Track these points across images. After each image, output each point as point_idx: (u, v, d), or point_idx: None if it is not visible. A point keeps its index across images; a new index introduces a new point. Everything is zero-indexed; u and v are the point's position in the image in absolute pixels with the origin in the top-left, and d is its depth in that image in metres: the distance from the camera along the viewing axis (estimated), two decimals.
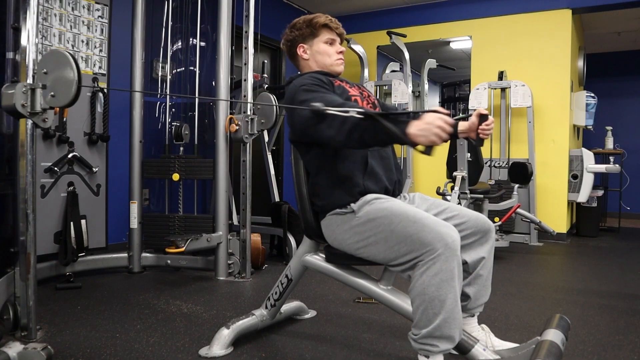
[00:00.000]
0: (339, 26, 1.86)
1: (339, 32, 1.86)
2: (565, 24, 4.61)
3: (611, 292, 2.86)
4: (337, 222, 1.65)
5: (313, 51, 1.83)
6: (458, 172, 3.36)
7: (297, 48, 1.85)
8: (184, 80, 3.76)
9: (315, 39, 1.83)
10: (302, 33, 1.83)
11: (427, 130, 1.31)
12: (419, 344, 1.43)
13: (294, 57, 1.89)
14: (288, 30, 1.87)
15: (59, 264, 2.79)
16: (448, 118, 1.32)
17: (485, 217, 1.69)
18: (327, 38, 1.83)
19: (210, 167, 3.10)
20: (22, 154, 1.89)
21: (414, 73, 5.40)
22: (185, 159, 3.19)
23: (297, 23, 1.86)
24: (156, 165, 3.21)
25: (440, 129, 1.30)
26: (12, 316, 1.95)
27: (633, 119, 6.69)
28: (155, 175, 3.25)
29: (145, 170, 3.20)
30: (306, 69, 1.87)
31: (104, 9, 3.21)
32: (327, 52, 1.83)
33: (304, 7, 5.39)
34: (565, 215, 4.64)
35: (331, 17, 1.85)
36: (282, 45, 1.91)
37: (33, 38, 1.86)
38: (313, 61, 1.84)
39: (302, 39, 1.84)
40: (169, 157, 3.23)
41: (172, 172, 3.16)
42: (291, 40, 1.86)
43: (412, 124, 1.33)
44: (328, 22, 1.82)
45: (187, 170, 3.17)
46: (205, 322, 2.20)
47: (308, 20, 1.83)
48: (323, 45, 1.83)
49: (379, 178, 1.66)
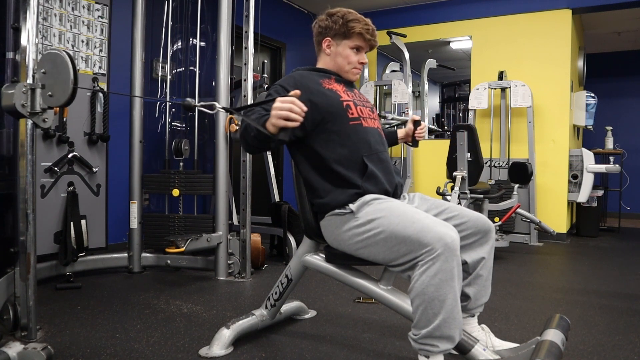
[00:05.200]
0: (373, 37, 1.80)
1: (370, 44, 1.81)
2: (565, 24, 4.61)
3: (611, 292, 2.86)
4: (337, 222, 1.65)
5: (337, 51, 1.80)
6: (458, 172, 3.36)
7: (324, 40, 1.81)
8: (184, 80, 3.76)
9: (345, 40, 1.78)
10: (335, 28, 1.77)
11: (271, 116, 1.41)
12: (419, 344, 1.43)
13: (318, 45, 1.85)
14: (325, 16, 1.81)
15: (59, 264, 2.79)
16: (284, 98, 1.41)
17: (486, 217, 1.70)
18: (357, 45, 1.78)
19: (210, 183, 3.09)
20: (22, 154, 1.89)
21: (414, 73, 5.40)
22: (185, 175, 3.17)
23: (335, 14, 1.78)
24: (156, 180, 3.20)
25: (276, 110, 1.39)
26: (12, 316, 1.95)
27: (633, 119, 6.69)
28: (155, 190, 3.25)
29: (145, 186, 3.19)
30: (321, 61, 1.85)
31: (104, 9, 3.21)
32: (348, 58, 1.79)
33: (303, 7, 5.38)
34: (565, 215, 4.64)
35: (369, 26, 1.78)
36: (313, 26, 1.85)
37: (33, 38, 1.86)
38: (332, 59, 1.81)
39: (332, 34, 1.79)
40: (168, 172, 3.21)
41: (172, 187, 3.15)
42: (323, 28, 1.80)
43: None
44: (364, 32, 1.76)
45: (187, 185, 3.15)
46: (205, 322, 2.20)
47: (347, 19, 1.76)
48: (349, 51, 1.78)
49: (379, 181, 1.66)
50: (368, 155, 1.67)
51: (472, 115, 4.83)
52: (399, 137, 2.09)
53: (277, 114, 1.39)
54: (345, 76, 1.83)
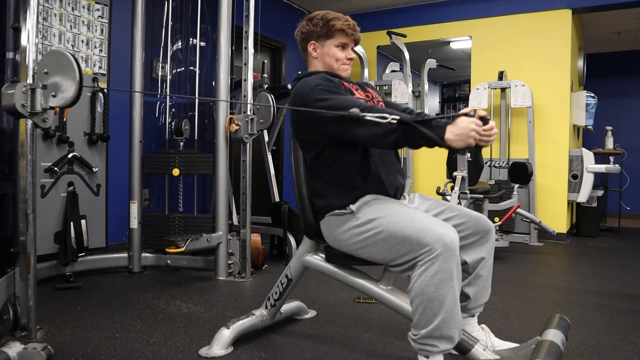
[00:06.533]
0: (355, 32, 1.81)
1: (354, 38, 1.82)
2: (565, 24, 4.61)
3: (611, 292, 2.86)
4: (336, 222, 1.65)
5: (323, 52, 1.80)
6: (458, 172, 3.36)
7: (309, 44, 1.82)
8: (184, 80, 3.76)
9: (329, 40, 1.79)
10: (317, 31, 1.78)
11: (463, 134, 1.40)
12: (419, 344, 1.43)
13: (304, 51, 1.86)
14: (305, 22, 1.83)
15: (59, 264, 2.79)
16: (478, 120, 1.44)
17: (486, 217, 1.70)
18: (340, 42, 1.79)
19: (211, 162, 3.10)
20: (22, 154, 1.89)
21: (414, 73, 5.40)
22: (185, 154, 3.19)
23: (314, 18, 1.80)
24: (156, 160, 3.21)
25: (475, 132, 1.41)
26: (12, 316, 1.95)
27: (633, 119, 6.69)
28: (155, 170, 3.25)
29: (146, 166, 3.20)
30: (312, 67, 1.85)
31: (104, 9, 3.21)
32: (335, 56, 1.79)
33: (303, 7, 5.38)
34: (565, 215, 4.64)
35: (350, 21, 1.80)
36: (296, 34, 1.86)
37: (33, 38, 1.86)
38: (320, 61, 1.82)
39: (315, 37, 1.80)
40: (169, 152, 3.24)
41: (172, 167, 3.16)
42: (305, 34, 1.82)
43: (447, 129, 1.41)
44: (345, 27, 1.77)
45: (187, 165, 3.17)
46: (205, 322, 2.20)
47: (326, 19, 1.77)
48: (334, 49, 1.79)
49: (381, 183, 1.66)
50: (372, 156, 1.67)
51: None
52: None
53: (475, 136, 1.42)
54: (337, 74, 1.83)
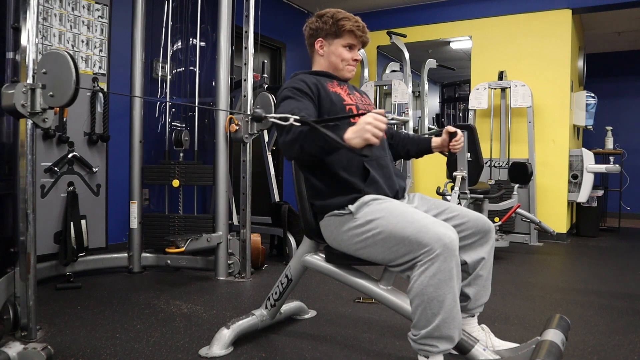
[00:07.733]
0: (364, 34, 1.81)
1: (362, 40, 1.82)
2: (565, 24, 4.61)
3: (611, 292, 2.86)
4: (336, 223, 1.65)
5: (330, 50, 1.81)
6: (458, 172, 3.36)
7: (316, 41, 1.82)
8: (184, 80, 3.76)
9: (337, 39, 1.79)
10: (326, 29, 1.78)
11: (359, 131, 1.32)
12: (419, 344, 1.43)
13: (310, 47, 1.86)
14: (314, 18, 1.83)
15: (59, 264, 2.79)
16: (378, 115, 1.33)
17: (486, 217, 1.70)
18: (349, 42, 1.79)
19: (210, 173, 3.10)
20: (22, 154, 1.89)
21: (414, 73, 5.40)
22: (185, 165, 3.18)
23: (325, 15, 1.80)
24: (156, 171, 3.21)
25: (371, 126, 1.31)
26: (12, 316, 1.95)
27: (633, 119, 6.69)
28: (155, 181, 3.25)
29: (145, 177, 3.19)
30: (316, 64, 1.85)
31: (104, 9, 3.21)
32: (342, 56, 1.80)
33: (303, 7, 5.38)
34: (565, 215, 4.64)
35: (359, 23, 1.80)
36: (304, 29, 1.86)
37: (33, 38, 1.86)
38: (326, 59, 1.82)
39: (323, 34, 1.80)
40: (169, 163, 3.22)
41: (172, 178, 3.16)
42: (314, 30, 1.82)
43: (349, 129, 1.35)
44: (355, 28, 1.77)
45: (187, 176, 3.16)
46: (205, 322, 2.20)
47: (337, 18, 1.77)
48: (341, 49, 1.79)
49: (380, 186, 1.66)
50: (369, 161, 1.67)
51: (472, 115, 4.83)
52: (433, 146, 1.96)
53: (372, 130, 1.31)
54: (341, 74, 1.83)
